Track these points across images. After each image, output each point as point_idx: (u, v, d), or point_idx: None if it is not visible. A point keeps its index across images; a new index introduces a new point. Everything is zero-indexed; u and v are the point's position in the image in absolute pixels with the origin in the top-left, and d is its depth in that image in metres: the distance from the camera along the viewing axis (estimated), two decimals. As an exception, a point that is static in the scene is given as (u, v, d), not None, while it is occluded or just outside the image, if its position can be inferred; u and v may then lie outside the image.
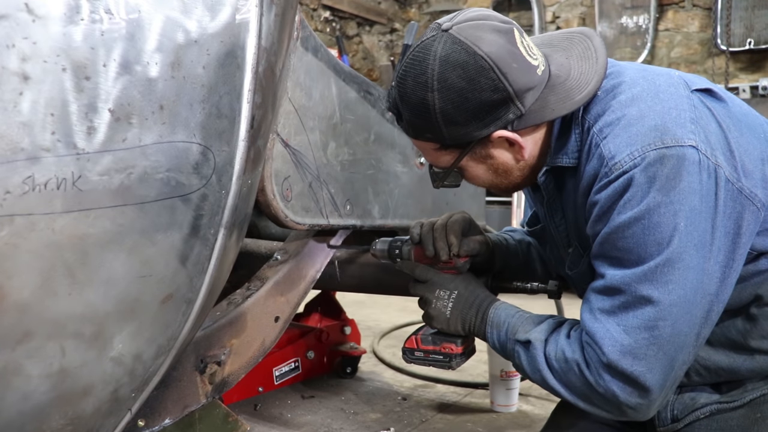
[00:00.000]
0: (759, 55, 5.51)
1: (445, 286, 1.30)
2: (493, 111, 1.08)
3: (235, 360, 1.50)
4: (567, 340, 1.12)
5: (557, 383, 1.12)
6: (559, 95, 1.10)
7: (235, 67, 1.09)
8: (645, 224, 1.02)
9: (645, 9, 5.91)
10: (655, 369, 1.03)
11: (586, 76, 1.11)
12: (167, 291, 1.09)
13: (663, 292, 1.01)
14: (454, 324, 1.28)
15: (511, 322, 1.20)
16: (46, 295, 0.93)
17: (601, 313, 1.07)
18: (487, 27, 1.07)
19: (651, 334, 1.02)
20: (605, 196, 1.06)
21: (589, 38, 1.17)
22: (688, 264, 1.01)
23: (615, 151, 1.05)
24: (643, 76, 1.12)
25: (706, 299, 1.04)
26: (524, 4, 6.55)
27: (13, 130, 0.85)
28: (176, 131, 1.02)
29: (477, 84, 1.06)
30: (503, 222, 5.03)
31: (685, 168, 1.01)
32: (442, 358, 1.32)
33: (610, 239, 1.06)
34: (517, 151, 1.15)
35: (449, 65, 1.06)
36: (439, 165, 1.21)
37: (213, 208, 1.11)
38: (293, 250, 1.68)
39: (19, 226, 0.87)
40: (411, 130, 1.17)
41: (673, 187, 1.00)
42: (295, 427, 2.21)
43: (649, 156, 1.02)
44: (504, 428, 2.20)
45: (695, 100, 1.08)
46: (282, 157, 1.42)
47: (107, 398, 1.08)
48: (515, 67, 1.06)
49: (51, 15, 0.88)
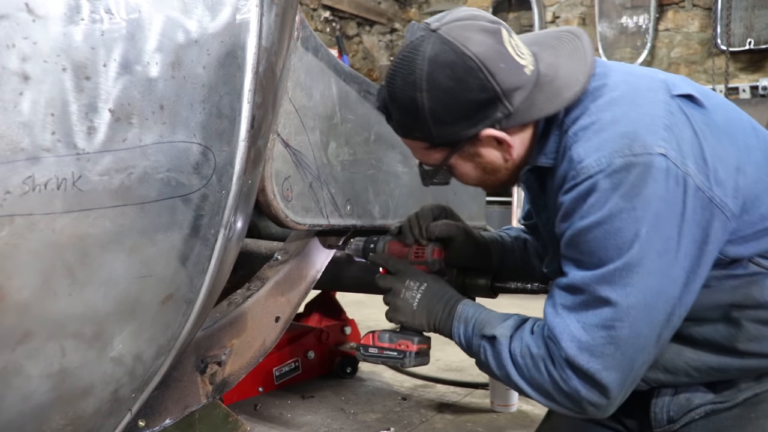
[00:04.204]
0: (759, 55, 5.51)
1: (415, 277, 1.31)
2: (481, 110, 1.09)
3: (236, 360, 1.50)
4: (531, 336, 1.14)
5: (520, 379, 1.13)
6: (547, 94, 1.11)
7: (236, 67, 1.09)
8: (606, 229, 1.03)
9: (645, 9, 5.91)
10: (611, 368, 1.05)
11: (574, 75, 1.12)
12: (167, 291, 1.09)
13: (621, 295, 1.03)
14: (419, 316, 1.28)
15: (479, 318, 1.21)
16: (46, 295, 0.93)
17: (563, 308, 1.09)
18: (475, 27, 1.09)
19: (608, 333, 1.04)
20: (570, 198, 1.08)
21: (578, 37, 1.18)
22: (648, 269, 1.02)
23: (584, 155, 1.06)
24: (625, 80, 1.13)
25: (668, 303, 1.05)
26: (524, 4, 6.56)
27: (14, 130, 0.85)
28: (176, 131, 1.02)
29: (465, 84, 1.07)
30: (503, 222, 5.04)
31: (651, 176, 1.02)
32: (396, 354, 1.32)
33: (573, 241, 1.08)
34: (505, 150, 1.16)
35: (438, 65, 1.07)
36: (429, 163, 1.22)
37: (213, 208, 1.11)
38: (294, 250, 1.68)
39: (19, 227, 0.87)
40: (400, 129, 1.19)
41: (637, 194, 1.02)
42: (295, 427, 2.21)
43: (615, 163, 1.03)
44: (504, 428, 2.20)
45: (673, 106, 1.08)
46: (282, 157, 1.42)
47: (107, 398, 1.08)
48: (503, 66, 1.07)
49: (51, 15, 0.88)
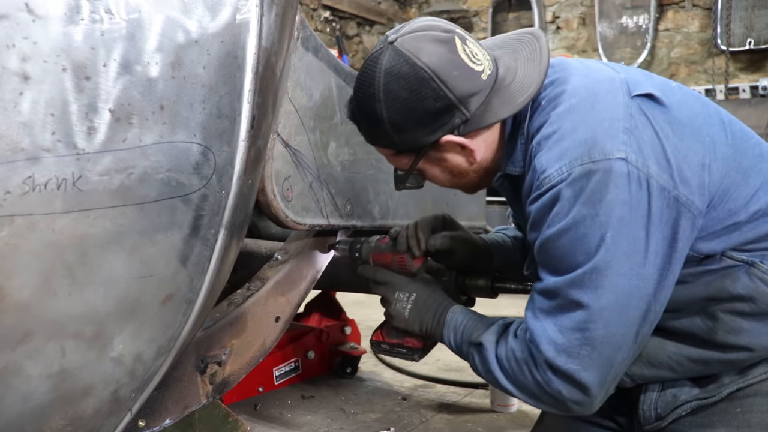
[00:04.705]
0: (759, 55, 5.51)
1: (404, 288, 1.36)
2: (438, 118, 1.13)
3: (236, 360, 1.50)
4: (515, 339, 1.17)
5: (509, 383, 1.17)
6: (503, 98, 1.14)
7: (236, 67, 1.09)
8: (572, 236, 1.06)
9: (645, 9, 5.92)
10: (589, 367, 1.08)
11: (529, 78, 1.15)
12: (168, 291, 1.09)
13: (592, 297, 1.06)
14: (412, 325, 1.34)
15: (467, 325, 1.25)
16: (46, 295, 0.93)
17: (541, 312, 1.12)
18: (428, 38, 1.12)
19: (583, 335, 1.07)
20: (535, 208, 1.11)
21: (536, 39, 1.20)
22: (617, 271, 1.05)
23: (546, 164, 1.09)
24: (585, 84, 1.14)
25: (642, 301, 1.07)
26: (524, 4, 6.56)
27: (14, 130, 0.85)
28: (176, 131, 1.02)
29: (419, 93, 1.11)
30: (503, 222, 5.03)
31: (612, 180, 1.04)
32: (406, 351, 1.39)
33: (543, 249, 1.11)
34: (468, 154, 1.20)
35: (393, 77, 1.12)
36: (400, 168, 1.27)
37: (213, 209, 1.11)
38: (294, 250, 1.68)
39: (19, 227, 0.87)
40: (368, 138, 1.25)
41: (599, 200, 1.04)
42: (295, 427, 2.21)
43: (575, 171, 1.05)
44: (504, 428, 2.20)
45: (633, 107, 1.09)
46: (282, 157, 1.42)
47: (108, 399, 1.08)
48: (455, 74, 1.11)
49: (51, 15, 0.87)
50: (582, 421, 1.36)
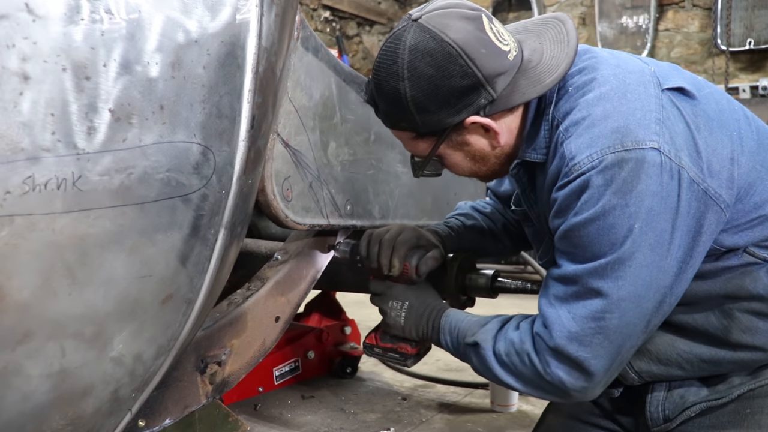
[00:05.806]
0: (759, 55, 5.51)
1: (397, 297, 1.36)
2: (463, 97, 1.10)
3: (236, 360, 1.50)
4: (516, 331, 1.16)
5: (509, 376, 1.16)
6: (530, 79, 1.11)
7: (236, 67, 1.09)
8: (600, 225, 1.04)
9: (645, 9, 5.91)
10: (600, 356, 1.07)
11: (557, 60, 1.12)
12: (167, 291, 1.09)
13: (613, 287, 1.04)
14: (408, 332, 1.34)
15: (461, 327, 1.24)
16: (46, 295, 0.93)
17: (555, 299, 1.11)
18: (455, 14, 1.09)
19: (597, 324, 1.06)
20: (563, 195, 1.08)
21: (562, 22, 1.18)
22: (641, 262, 1.04)
23: (576, 151, 1.06)
24: (615, 74, 1.12)
25: (659, 292, 1.06)
26: (524, 4, 6.55)
27: (14, 130, 0.85)
28: (176, 131, 1.02)
29: (446, 71, 1.07)
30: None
31: (644, 171, 1.02)
32: (399, 356, 1.39)
33: (567, 236, 1.09)
34: (492, 137, 1.17)
35: (418, 54, 1.08)
36: (418, 153, 1.23)
37: (213, 209, 1.11)
38: (294, 250, 1.68)
39: (19, 227, 0.87)
40: (387, 120, 1.20)
41: (630, 190, 1.02)
42: (295, 427, 2.21)
43: (606, 159, 1.03)
44: (504, 428, 2.20)
45: (664, 99, 1.08)
46: (282, 157, 1.42)
47: (107, 398, 1.07)
48: (483, 52, 1.07)
49: (51, 15, 0.87)
50: (583, 423, 1.35)
